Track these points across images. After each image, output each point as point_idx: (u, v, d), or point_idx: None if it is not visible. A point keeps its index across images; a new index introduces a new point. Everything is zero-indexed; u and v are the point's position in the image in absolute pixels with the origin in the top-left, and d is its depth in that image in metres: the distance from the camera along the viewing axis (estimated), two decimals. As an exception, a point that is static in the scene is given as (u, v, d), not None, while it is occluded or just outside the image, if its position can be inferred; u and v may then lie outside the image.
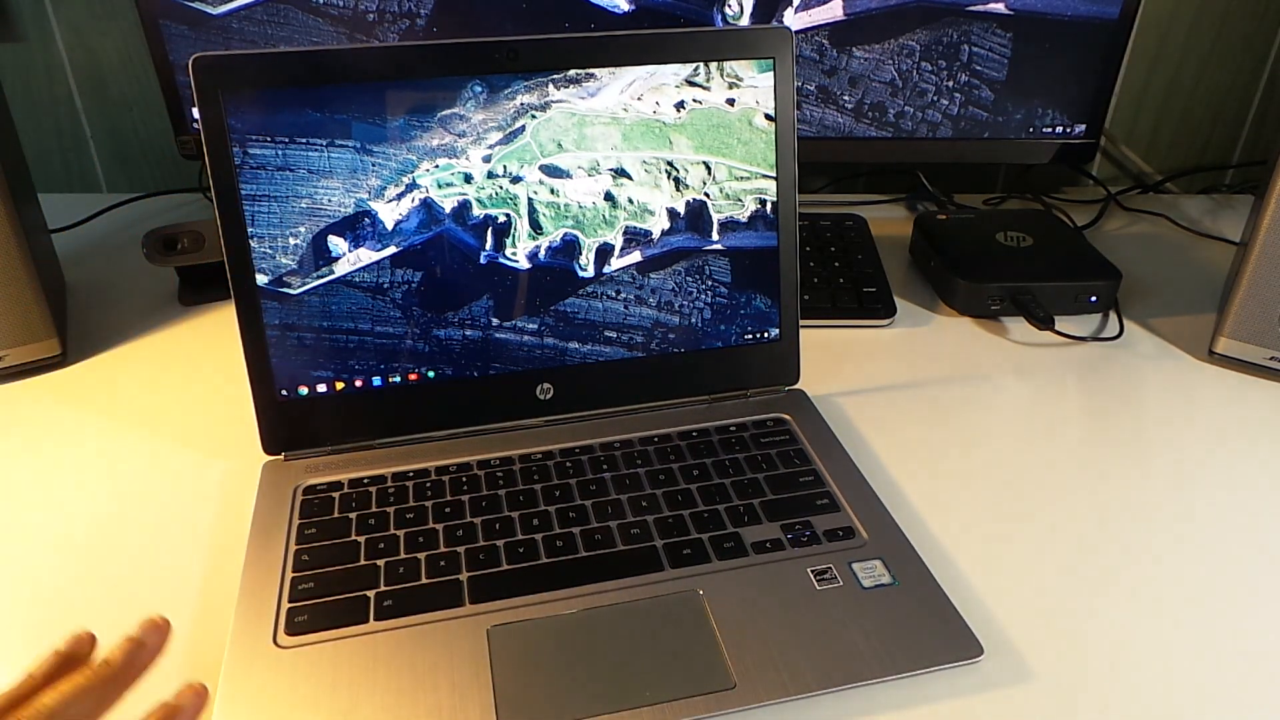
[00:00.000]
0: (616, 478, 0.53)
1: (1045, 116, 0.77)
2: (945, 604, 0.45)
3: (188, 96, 0.71)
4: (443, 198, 0.53)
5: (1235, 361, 0.68)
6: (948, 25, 0.73)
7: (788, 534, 0.49)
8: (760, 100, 0.56)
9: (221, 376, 0.66)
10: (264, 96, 0.50)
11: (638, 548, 0.48)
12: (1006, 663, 0.44)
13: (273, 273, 0.52)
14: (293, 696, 0.40)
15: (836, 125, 0.77)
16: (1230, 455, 0.59)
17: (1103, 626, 0.46)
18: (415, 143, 0.52)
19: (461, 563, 0.47)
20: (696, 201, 0.57)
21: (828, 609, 0.45)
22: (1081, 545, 0.51)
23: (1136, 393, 0.65)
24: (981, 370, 0.68)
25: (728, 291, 0.58)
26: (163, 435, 0.60)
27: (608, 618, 0.44)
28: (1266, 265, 0.64)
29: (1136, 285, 0.80)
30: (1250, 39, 0.96)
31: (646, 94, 0.54)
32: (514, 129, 0.53)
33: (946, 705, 0.41)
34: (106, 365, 0.68)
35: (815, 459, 0.55)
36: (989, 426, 0.61)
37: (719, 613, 0.45)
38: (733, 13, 0.72)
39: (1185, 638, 0.45)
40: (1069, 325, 0.73)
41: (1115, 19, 0.73)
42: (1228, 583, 0.49)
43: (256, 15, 0.69)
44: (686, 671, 0.42)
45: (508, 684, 0.41)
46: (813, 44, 0.74)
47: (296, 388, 0.54)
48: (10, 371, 0.65)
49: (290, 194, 0.51)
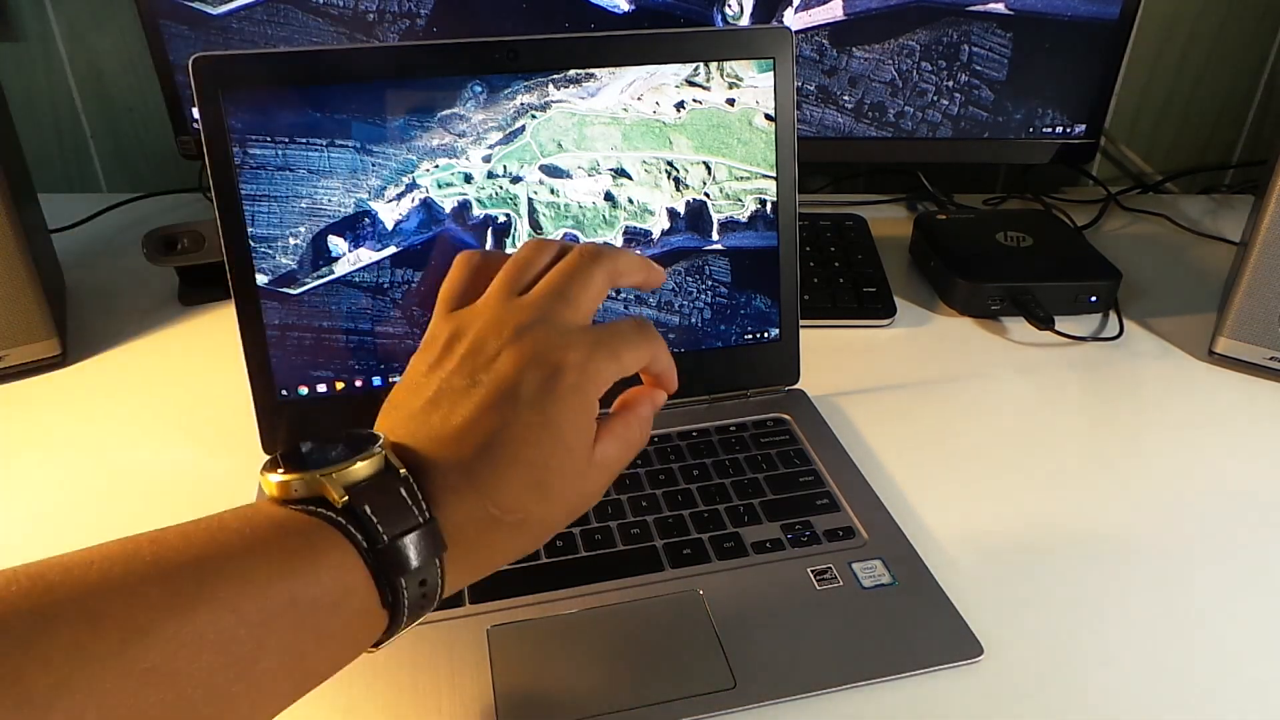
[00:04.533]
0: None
1: (1045, 116, 0.77)
2: (945, 604, 0.45)
3: (188, 96, 0.71)
4: (443, 198, 0.53)
5: (1235, 361, 0.68)
6: (948, 25, 0.73)
7: (788, 534, 0.49)
8: (760, 100, 0.56)
9: (221, 376, 0.66)
10: (264, 96, 0.50)
11: (638, 548, 0.48)
12: (1006, 663, 0.44)
13: (273, 273, 0.52)
14: (293, 696, 0.40)
15: (836, 125, 0.77)
16: (1230, 455, 0.59)
17: (1102, 626, 0.46)
18: (415, 143, 0.52)
19: (461, 563, 0.47)
20: (696, 201, 0.57)
21: (828, 609, 0.45)
22: (1081, 545, 0.51)
23: (1136, 393, 0.65)
24: (981, 370, 0.68)
25: (728, 291, 0.58)
26: (163, 435, 0.60)
27: (608, 618, 0.44)
28: (1266, 265, 0.64)
29: (1136, 285, 0.80)
30: (1250, 39, 0.96)
31: (646, 94, 0.54)
32: (514, 129, 0.53)
33: (946, 705, 0.41)
34: (106, 365, 0.68)
35: (815, 459, 0.55)
36: (989, 426, 0.61)
37: (719, 613, 0.45)
38: (733, 13, 0.72)
39: (1185, 637, 0.45)
40: (1069, 325, 0.73)
41: (1115, 19, 0.73)
42: (1228, 583, 0.49)
43: (256, 15, 0.69)
44: (686, 671, 0.42)
45: (508, 684, 0.41)
46: (813, 44, 0.74)
47: (296, 388, 0.54)
48: (10, 371, 0.65)
49: (290, 194, 0.51)
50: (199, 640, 0.26)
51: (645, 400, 0.38)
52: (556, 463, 0.33)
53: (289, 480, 0.31)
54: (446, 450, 0.32)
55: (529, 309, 0.35)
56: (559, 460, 0.33)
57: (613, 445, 0.36)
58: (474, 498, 0.32)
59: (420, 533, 0.30)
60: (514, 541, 0.34)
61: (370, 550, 0.30)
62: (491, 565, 0.34)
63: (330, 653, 0.30)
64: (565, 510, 0.35)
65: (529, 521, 0.33)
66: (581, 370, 0.33)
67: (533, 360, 0.33)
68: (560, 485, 0.33)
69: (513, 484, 0.32)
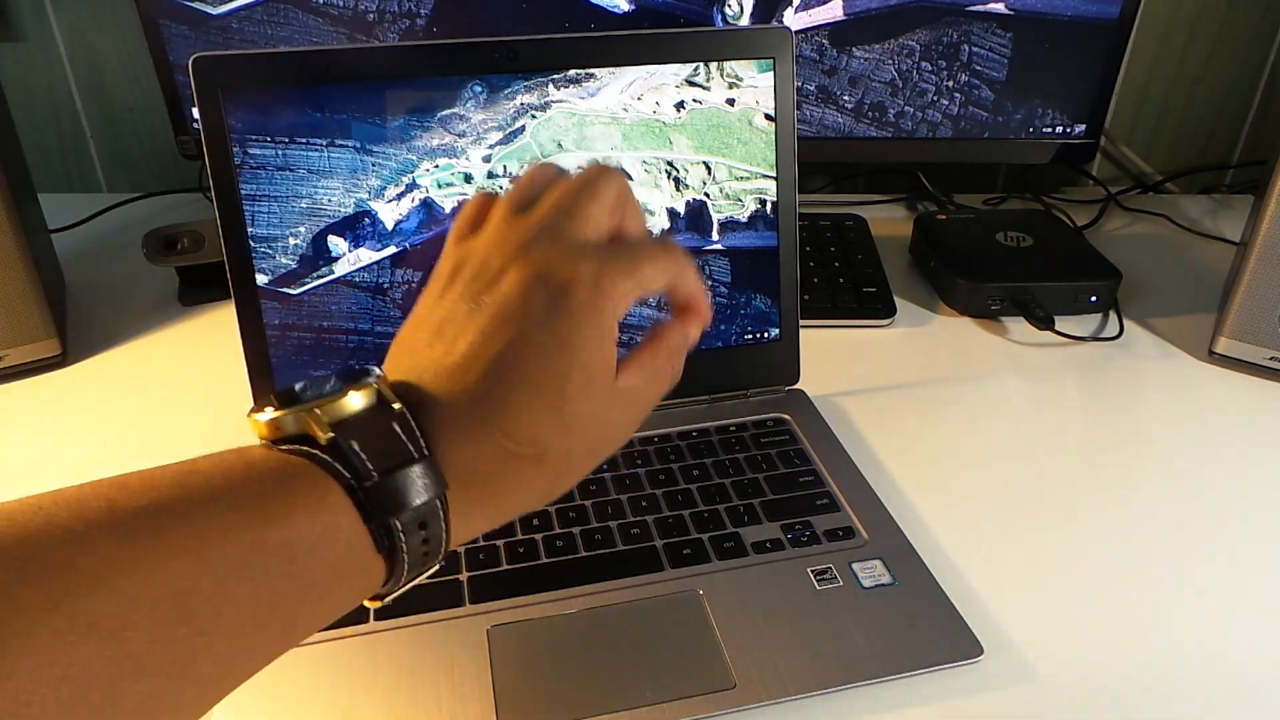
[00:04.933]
0: (616, 478, 0.53)
1: (1045, 116, 0.77)
2: (945, 604, 0.45)
3: (188, 96, 0.71)
4: (443, 198, 0.53)
5: (1235, 361, 0.68)
6: (948, 25, 0.73)
7: (788, 534, 0.49)
8: (760, 100, 0.56)
9: (221, 376, 0.66)
10: (264, 96, 0.50)
11: (638, 548, 0.48)
12: (1006, 663, 0.44)
13: (273, 273, 0.52)
14: (293, 696, 0.40)
15: (836, 125, 0.77)
16: (1230, 455, 0.59)
17: (1102, 626, 0.46)
18: (415, 142, 0.52)
19: (461, 562, 0.47)
20: (696, 201, 0.57)
21: (828, 609, 0.45)
22: (1081, 544, 0.51)
23: (1136, 393, 0.65)
24: (981, 370, 0.68)
25: (728, 291, 0.58)
26: (163, 435, 0.60)
27: (608, 618, 0.44)
28: (1266, 265, 0.64)
29: (1136, 285, 0.80)
30: (1250, 39, 0.96)
31: (646, 94, 0.54)
32: (514, 129, 0.53)
33: (946, 705, 0.41)
34: (106, 365, 0.68)
35: (815, 459, 0.55)
36: (989, 426, 0.61)
37: (719, 613, 0.45)
38: (733, 13, 0.72)
39: (1185, 637, 0.45)
40: (1069, 325, 0.73)
41: (1115, 19, 0.73)
42: (1228, 582, 0.49)
43: (256, 15, 0.69)
44: (686, 671, 0.42)
45: (508, 684, 0.41)
46: (813, 44, 0.74)
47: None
48: (10, 371, 0.65)
49: (290, 194, 0.51)
50: (152, 591, 0.23)
51: (675, 330, 0.35)
52: (573, 387, 0.30)
53: (275, 418, 0.28)
54: (452, 382, 0.30)
55: (534, 225, 0.32)
56: (575, 383, 0.30)
57: (637, 375, 0.33)
58: (483, 430, 0.29)
59: (416, 469, 0.28)
60: (536, 480, 0.31)
61: (359, 489, 0.27)
62: (513, 508, 0.31)
63: (312, 603, 0.27)
64: (588, 443, 0.32)
65: (549, 455, 0.30)
66: (594, 286, 0.30)
67: (539, 276, 0.30)
68: (580, 412, 0.30)
69: (525, 412, 0.30)
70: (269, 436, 0.29)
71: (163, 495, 0.25)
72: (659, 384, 0.34)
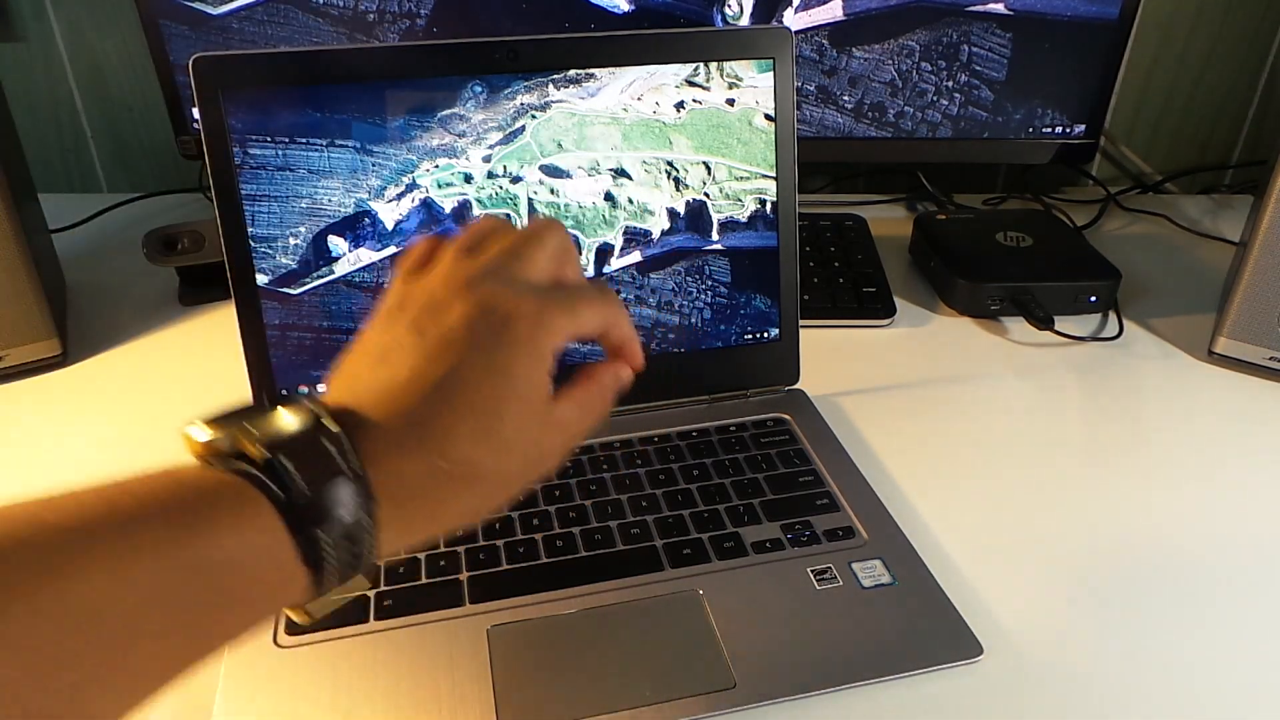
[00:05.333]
0: (616, 477, 0.53)
1: (1045, 116, 0.77)
2: (945, 604, 0.45)
3: (188, 96, 0.72)
4: (443, 198, 0.53)
5: (1235, 361, 0.68)
6: (948, 25, 0.73)
7: (788, 534, 0.49)
8: (760, 100, 0.56)
9: (221, 376, 0.66)
10: (264, 96, 0.50)
11: (638, 548, 0.48)
12: (1006, 663, 0.44)
13: (273, 273, 0.52)
14: (293, 696, 0.40)
15: (836, 125, 0.77)
16: (1230, 455, 0.59)
17: (1102, 626, 0.46)
18: (415, 143, 0.52)
19: (461, 562, 0.47)
20: (696, 201, 0.57)
21: (828, 609, 0.45)
22: (1081, 545, 0.51)
23: (1136, 393, 0.65)
24: (981, 370, 0.68)
25: (728, 291, 0.58)
26: (163, 435, 0.60)
27: (607, 618, 0.44)
28: (1266, 265, 0.64)
29: (1136, 285, 0.80)
30: (1250, 39, 0.96)
31: (646, 94, 0.54)
32: (514, 129, 0.53)
33: (946, 705, 0.41)
34: (106, 365, 0.68)
35: (815, 459, 0.55)
36: (989, 426, 0.61)
37: (719, 613, 0.45)
38: (733, 13, 0.72)
39: (1185, 637, 0.45)
40: (1069, 325, 0.73)
41: (1115, 19, 0.73)
42: (1227, 582, 0.49)
43: (256, 15, 0.69)
44: (686, 671, 0.42)
45: (508, 684, 0.41)
46: (813, 44, 0.74)
47: (297, 388, 0.54)
48: (10, 371, 0.65)
49: (290, 194, 0.51)
50: (67, 610, 0.24)
51: (608, 370, 0.37)
52: (510, 411, 0.32)
53: (211, 437, 0.29)
54: (393, 404, 0.31)
55: (482, 265, 0.34)
56: (511, 408, 0.32)
57: (571, 407, 0.35)
58: (420, 450, 0.31)
59: (348, 488, 0.29)
60: (469, 498, 0.32)
61: (289, 505, 0.28)
62: (445, 525, 0.33)
63: (238, 615, 0.28)
64: (521, 465, 0.33)
65: (482, 476, 0.32)
66: (535, 321, 0.32)
67: (484, 309, 0.32)
68: (513, 435, 0.32)
69: (462, 433, 0.31)
70: (200, 454, 0.30)
71: (89, 513, 0.26)
72: (590, 416, 0.36)
